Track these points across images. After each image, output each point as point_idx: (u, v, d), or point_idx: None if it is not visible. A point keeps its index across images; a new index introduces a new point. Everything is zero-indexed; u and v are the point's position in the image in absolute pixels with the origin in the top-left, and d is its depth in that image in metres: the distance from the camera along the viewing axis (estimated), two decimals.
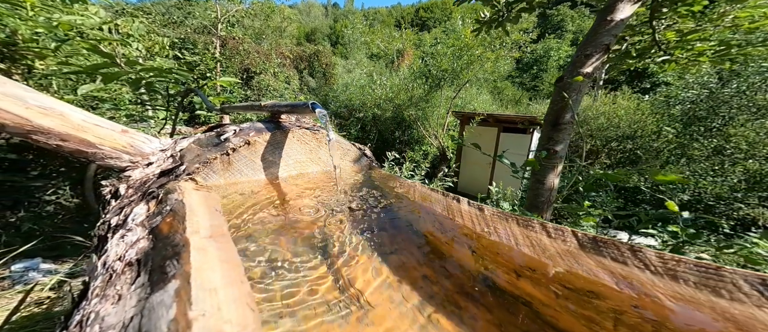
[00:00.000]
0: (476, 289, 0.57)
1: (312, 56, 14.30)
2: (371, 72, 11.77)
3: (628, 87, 17.70)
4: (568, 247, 0.48)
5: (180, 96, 2.56)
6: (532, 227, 0.55)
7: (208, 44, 7.11)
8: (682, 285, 0.37)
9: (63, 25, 2.04)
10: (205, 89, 3.80)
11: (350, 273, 0.62)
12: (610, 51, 1.56)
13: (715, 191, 7.52)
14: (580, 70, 1.52)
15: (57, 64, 2.43)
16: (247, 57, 8.68)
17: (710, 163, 7.98)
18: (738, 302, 0.35)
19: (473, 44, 9.43)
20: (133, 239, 0.52)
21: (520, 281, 0.55)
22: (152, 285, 0.38)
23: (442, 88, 10.37)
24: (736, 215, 7.06)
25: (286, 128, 1.04)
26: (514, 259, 0.56)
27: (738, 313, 0.34)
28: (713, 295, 0.36)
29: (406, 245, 0.73)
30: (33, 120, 0.65)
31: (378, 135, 11.58)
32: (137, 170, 0.83)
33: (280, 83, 10.22)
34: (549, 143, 1.64)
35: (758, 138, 7.32)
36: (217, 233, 0.52)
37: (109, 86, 2.67)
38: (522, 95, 25.98)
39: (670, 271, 0.38)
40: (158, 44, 3.74)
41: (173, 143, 0.89)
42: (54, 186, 3.19)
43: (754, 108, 7.04)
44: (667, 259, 0.40)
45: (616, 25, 1.49)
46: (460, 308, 0.53)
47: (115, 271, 0.46)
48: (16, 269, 2.40)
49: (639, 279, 0.40)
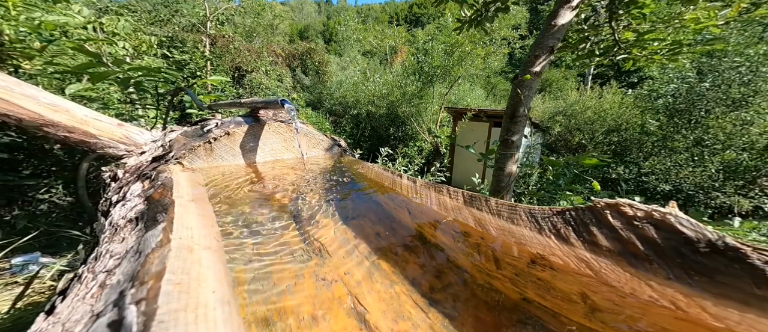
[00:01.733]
0: (411, 240, 0.74)
1: (304, 54, 14.31)
2: (365, 69, 11.86)
3: (617, 82, 18.09)
4: (458, 203, 0.65)
5: (170, 95, 2.66)
6: (441, 192, 0.72)
7: (197, 43, 7.12)
8: (501, 219, 0.55)
9: (47, 25, 2.08)
10: (195, 88, 3.89)
11: (316, 232, 0.78)
12: (554, 52, 1.74)
13: (694, 180, 7.85)
14: (530, 69, 1.70)
15: (43, 64, 2.46)
16: (238, 55, 8.71)
17: (689, 154, 8.30)
18: (519, 224, 0.52)
19: (463, 41, 9.58)
20: (132, 206, 0.67)
21: (437, 232, 0.72)
22: (146, 228, 0.54)
23: (434, 84, 10.52)
24: (713, 204, 7.40)
25: (263, 121, 1.19)
26: (432, 215, 0.73)
27: (516, 230, 0.52)
28: (511, 223, 0.54)
29: (365, 211, 0.89)
30: (45, 115, 0.80)
31: (372, 132, 11.70)
32: (132, 157, 0.98)
33: (272, 81, 10.27)
34: (507, 134, 1.83)
35: (735, 130, 7.64)
36: (198, 198, 0.67)
37: (98, 85, 2.73)
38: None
39: (497, 212, 0.56)
40: (146, 43, 3.77)
41: (163, 135, 1.04)
42: (46, 185, 3.26)
43: (729, 101, 7.34)
44: (498, 204, 0.58)
45: (559, 29, 1.68)
46: (397, 255, 0.70)
47: (120, 226, 0.62)
48: (16, 262, 2.51)
49: (484, 218, 0.57)
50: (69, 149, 2.92)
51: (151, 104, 3.29)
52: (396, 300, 0.53)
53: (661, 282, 0.40)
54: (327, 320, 0.48)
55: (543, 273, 0.51)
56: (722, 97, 7.35)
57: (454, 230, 0.69)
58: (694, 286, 0.37)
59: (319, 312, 0.50)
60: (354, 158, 1.33)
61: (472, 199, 0.69)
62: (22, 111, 0.76)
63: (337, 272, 0.61)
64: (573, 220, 0.49)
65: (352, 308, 0.51)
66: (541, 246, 0.52)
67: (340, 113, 11.87)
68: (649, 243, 0.41)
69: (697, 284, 0.37)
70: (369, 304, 0.52)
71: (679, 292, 0.38)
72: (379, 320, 0.48)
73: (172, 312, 0.30)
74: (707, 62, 7.70)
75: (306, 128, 1.32)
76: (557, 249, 0.50)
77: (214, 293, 0.36)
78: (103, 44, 2.44)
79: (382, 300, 0.53)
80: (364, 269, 0.63)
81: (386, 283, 0.58)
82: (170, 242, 0.44)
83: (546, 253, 0.51)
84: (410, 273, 0.60)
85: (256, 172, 1.04)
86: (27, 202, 3.22)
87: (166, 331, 0.26)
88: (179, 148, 0.96)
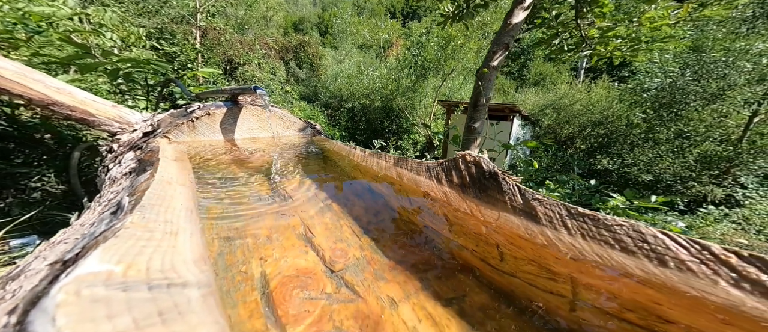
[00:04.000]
0: (358, 190, 0.93)
1: (298, 47, 14.26)
2: (359, 63, 11.89)
3: (608, 76, 18.32)
4: (389, 164, 0.85)
5: (160, 86, 2.77)
6: (380, 157, 0.91)
7: (187, 35, 7.12)
8: (412, 172, 0.75)
9: (34, 16, 2.07)
10: (186, 80, 3.98)
11: (284, 184, 0.97)
12: (509, 48, 1.93)
13: (674, 171, 8.17)
14: (488, 63, 1.89)
15: (31, 54, 2.50)
16: (230, 48, 8.73)
17: (670, 146, 8.60)
18: (420, 175, 0.73)
19: (456, 35, 9.67)
20: (127, 165, 0.86)
21: (377, 185, 0.92)
22: (137, 175, 0.72)
23: (428, 78, 10.64)
24: (689, 193, 7.73)
25: (242, 105, 1.37)
26: (373, 173, 0.93)
27: (418, 178, 0.72)
28: (417, 174, 0.74)
29: (325, 171, 1.08)
30: (51, 96, 0.96)
31: (367, 125, 11.80)
32: (125, 134, 1.15)
33: (265, 73, 10.29)
34: (470, 122, 2.02)
35: (714, 122, 7.93)
36: (180, 159, 0.86)
37: (86, 76, 2.76)
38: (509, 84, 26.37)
39: (410, 167, 0.76)
40: (134, 34, 3.76)
41: (151, 116, 1.21)
42: (39, 173, 3.34)
43: (707, 95, 7.60)
44: (411, 162, 0.78)
45: (513, 27, 1.86)
46: (347, 200, 0.89)
47: (117, 178, 0.80)
48: (14, 244, 2.66)
49: (403, 173, 0.77)
50: (59, 139, 2.97)
51: (141, 95, 3.35)
52: (339, 229, 0.73)
53: (471, 199, 0.60)
54: (280, 241, 0.67)
55: (429, 204, 0.71)
56: (700, 91, 7.61)
57: (387, 182, 0.89)
58: (481, 199, 0.57)
59: (274, 235, 0.69)
60: (324, 137, 1.51)
61: (398, 160, 0.88)
62: (33, 92, 0.93)
63: (296, 210, 0.81)
64: (445, 167, 0.69)
65: (302, 233, 0.70)
66: (428, 187, 0.72)
67: (335, 106, 11.93)
68: (471, 176, 0.61)
69: (482, 198, 0.57)
70: (317, 232, 0.71)
71: (474, 204, 0.58)
72: (322, 241, 0.68)
73: (150, 204, 0.48)
74: (688, 57, 7.94)
75: (281, 111, 1.49)
76: (435, 188, 0.70)
77: (181, 204, 0.55)
78: (90, 36, 2.44)
79: (328, 229, 0.73)
80: (318, 209, 0.83)
81: (334, 218, 0.78)
82: (154, 178, 0.62)
83: (429, 190, 0.71)
84: (355, 212, 0.80)
85: (233, 144, 1.23)
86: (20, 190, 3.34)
87: (143, 209, 0.45)
88: (166, 125, 1.13)
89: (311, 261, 0.59)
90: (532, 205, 0.50)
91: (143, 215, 0.42)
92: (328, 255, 0.62)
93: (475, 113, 1.98)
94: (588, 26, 2.85)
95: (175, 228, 0.44)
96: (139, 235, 0.36)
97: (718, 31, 7.44)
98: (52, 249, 0.40)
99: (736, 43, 6.94)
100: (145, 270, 0.31)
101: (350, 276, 0.57)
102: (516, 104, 9.06)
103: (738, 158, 7.11)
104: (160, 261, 0.34)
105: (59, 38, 2.09)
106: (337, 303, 0.50)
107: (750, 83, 6.91)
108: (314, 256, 0.61)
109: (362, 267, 0.59)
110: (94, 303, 0.24)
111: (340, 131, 10.79)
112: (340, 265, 0.60)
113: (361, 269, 0.59)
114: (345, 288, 0.54)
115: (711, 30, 7.18)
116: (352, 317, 0.47)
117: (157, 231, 0.40)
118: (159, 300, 0.29)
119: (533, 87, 21.82)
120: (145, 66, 2.24)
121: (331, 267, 0.59)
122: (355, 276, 0.57)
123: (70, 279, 0.24)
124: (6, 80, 0.86)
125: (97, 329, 0.22)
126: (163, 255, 0.36)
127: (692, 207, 7.33)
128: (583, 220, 0.43)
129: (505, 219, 0.54)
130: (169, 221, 0.45)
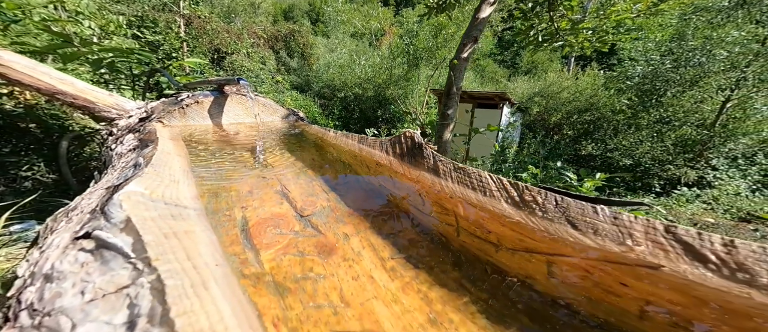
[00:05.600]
0: (330, 161, 1.12)
1: (288, 36, 14.00)
2: (351, 51, 11.79)
3: (597, 63, 18.56)
4: (354, 142, 1.04)
5: (145, 76, 2.81)
6: (350, 137, 1.10)
7: (170, 23, 6.98)
8: (370, 147, 0.94)
9: (8, 5, 2.02)
10: (172, 70, 4.00)
11: (267, 157, 1.15)
12: (477, 41, 2.10)
13: (653, 155, 8.55)
14: (459, 56, 2.06)
15: (8, 44, 2.34)
16: (217, 37, 8.59)
17: (650, 131, 8.95)
18: (375, 149, 0.92)
19: (447, 23, 9.67)
20: (129, 144, 1.02)
21: (345, 157, 1.10)
22: (142, 149, 0.89)
23: (420, 67, 10.67)
24: (665, 175, 8.15)
25: (228, 94, 1.51)
26: (345, 149, 1.11)
27: (373, 152, 0.91)
28: (372, 149, 0.93)
29: (303, 147, 1.26)
30: (56, 86, 1.10)
31: (361, 114, 11.83)
32: (123, 120, 1.30)
33: (254, 63, 10.17)
34: (444, 109, 2.21)
35: (691, 107, 8.27)
36: (174, 138, 1.02)
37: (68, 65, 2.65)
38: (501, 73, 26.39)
39: (368, 143, 0.95)
40: (114, 22, 3.63)
41: (145, 103, 1.36)
42: (28, 163, 3.33)
43: (685, 81, 7.89)
44: (370, 139, 0.97)
45: (481, 22, 2.02)
46: (321, 167, 1.08)
47: (124, 153, 0.96)
48: (15, 229, 2.78)
49: (363, 148, 0.96)
50: (45, 128, 2.91)
51: (125, 84, 3.30)
52: (311, 188, 0.92)
53: (406, 164, 0.79)
54: (259, 195, 0.85)
55: (380, 169, 0.90)
56: (678, 77, 7.90)
57: (352, 155, 1.07)
58: (411, 163, 0.76)
59: (255, 191, 0.87)
60: (305, 123, 1.68)
61: (361, 139, 1.07)
62: (41, 83, 1.06)
63: (275, 175, 0.99)
64: (392, 142, 0.88)
65: (279, 190, 0.89)
66: (380, 157, 0.91)
67: (328, 96, 11.89)
68: (407, 147, 0.80)
69: (412, 162, 0.76)
70: (292, 189, 0.90)
71: (407, 167, 0.77)
72: (296, 196, 0.86)
73: (157, 164, 0.66)
74: (669, 46, 8.18)
75: (264, 100, 1.65)
76: (384, 157, 0.89)
77: (179, 166, 0.73)
78: (67, 24, 2.36)
79: (302, 187, 0.91)
80: (295, 173, 1.01)
81: (308, 180, 0.96)
82: (157, 149, 0.79)
83: (380, 160, 0.90)
84: (325, 176, 0.99)
85: (221, 128, 1.39)
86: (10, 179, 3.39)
87: (153, 166, 0.63)
88: (159, 112, 1.28)
89: (285, 209, 0.78)
90: (438, 165, 0.69)
91: (154, 169, 0.59)
92: (300, 204, 0.81)
93: (448, 100, 2.16)
94: (560, 18, 3.01)
95: (177, 179, 0.62)
96: (154, 178, 0.54)
97: (698, 19, 7.67)
98: (91, 195, 0.58)
99: (714, 31, 7.19)
100: (161, 195, 0.49)
101: (316, 220, 0.76)
102: (507, 92, 9.24)
103: (710, 142, 7.50)
104: (169, 193, 0.52)
105: (37, 27, 2.04)
106: (303, 238, 0.69)
107: (724, 71, 7.21)
108: (288, 206, 0.80)
109: (327, 214, 0.78)
110: (138, 203, 0.42)
111: (333, 121, 10.82)
112: (308, 211, 0.79)
113: (325, 215, 0.78)
114: (310, 227, 0.73)
115: (693, 20, 7.41)
116: (313, 246, 0.66)
117: (165, 178, 0.58)
118: (171, 210, 0.47)
119: (525, 75, 21.88)
120: (128, 56, 2.24)
121: (301, 213, 0.78)
122: (319, 219, 0.76)
123: (123, 191, 0.42)
124: (19, 73, 1.00)
125: (144, 213, 0.40)
126: (170, 191, 0.54)
127: (667, 189, 7.75)
128: (459, 172, 0.62)
129: (423, 176, 0.73)
130: (172, 175, 0.63)
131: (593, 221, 0.41)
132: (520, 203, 0.50)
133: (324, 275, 0.54)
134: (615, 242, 0.39)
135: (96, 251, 0.31)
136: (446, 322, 0.49)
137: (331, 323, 0.46)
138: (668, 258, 0.34)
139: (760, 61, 6.71)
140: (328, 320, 0.47)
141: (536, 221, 0.47)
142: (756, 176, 6.77)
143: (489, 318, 0.48)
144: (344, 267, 0.57)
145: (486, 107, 9.30)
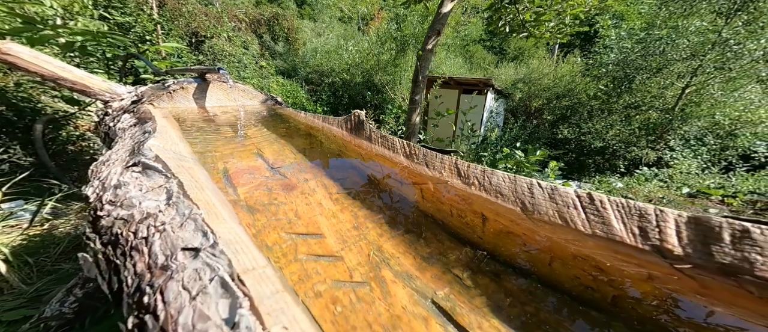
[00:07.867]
0: (302, 134, 1.37)
1: (271, 19, 13.54)
2: (339, 36, 11.61)
3: (580, 51, 19.06)
4: (320, 121, 1.29)
5: (121, 60, 2.75)
6: (328, 122, 1.34)
7: (141, 4, 6.68)
8: (335, 127, 1.20)
9: None
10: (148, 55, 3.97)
11: (248, 133, 1.38)
12: (440, 34, 2.34)
13: (621, 137, 9.16)
14: (424, 48, 2.30)
15: None
16: (194, 20, 8.31)
17: (619, 115, 9.53)
18: (341, 128, 1.19)
19: (433, 9, 9.66)
20: (128, 121, 1.22)
21: (315, 131, 1.35)
22: (142, 124, 1.10)
23: (407, 53, 10.72)
24: (629, 156, 8.81)
25: (210, 81, 1.70)
26: (316, 126, 1.36)
27: (333, 130, 1.18)
28: (333, 126, 1.19)
29: (278, 124, 1.50)
30: (58, 73, 1.27)
31: (350, 100, 11.83)
32: (116, 102, 1.48)
33: (237, 48, 9.91)
34: (412, 95, 2.46)
35: (657, 93, 8.84)
36: (166, 117, 1.24)
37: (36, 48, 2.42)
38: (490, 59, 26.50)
39: (333, 123, 1.21)
40: (78, 3, 3.39)
41: (135, 88, 1.54)
42: (2, 145, 3.16)
43: (652, 69, 8.40)
44: (335, 119, 1.22)
45: (444, 16, 2.25)
46: (292, 137, 1.33)
47: (126, 128, 1.17)
48: (5, 207, 2.85)
49: (332, 127, 1.22)
50: (17, 111, 2.76)
51: (98, 68, 3.17)
52: (283, 151, 1.17)
53: (354, 136, 1.06)
54: (239, 155, 1.10)
55: (336, 139, 1.16)
56: (646, 65, 8.39)
57: (316, 130, 1.33)
58: (357, 135, 1.03)
59: (235, 153, 1.12)
60: (282, 107, 1.90)
61: (324, 119, 1.32)
62: (45, 71, 1.23)
63: (253, 142, 1.23)
64: (345, 120, 1.14)
65: (255, 153, 1.14)
66: (337, 132, 1.18)
67: (316, 81, 11.77)
68: (355, 123, 1.07)
69: (357, 134, 1.03)
70: (266, 152, 1.15)
71: (353, 137, 1.04)
72: (269, 156, 1.11)
73: (160, 132, 0.89)
74: (639, 35, 8.60)
75: (244, 86, 1.85)
76: (339, 132, 1.16)
77: (175, 135, 0.96)
78: (26, 4, 2.20)
79: (275, 151, 1.17)
80: (269, 142, 1.26)
81: (280, 146, 1.22)
82: (157, 125, 1.02)
83: (338, 134, 1.16)
84: (297, 144, 1.24)
85: (204, 110, 1.60)
86: None
87: (158, 133, 0.86)
88: (149, 95, 1.48)
89: (259, 163, 1.04)
90: (371, 134, 0.96)
91: (160, 135, 0.83)
92: (272, 161, 1.07)
93: (415, 87, 2.41)
94: (524, 10, 3.26)
95: (176, 142, 0.86)
96: (162, 139, 0.78)
97: (666, 9, 8.08)
98: (117, 152, 0.81)
99: (678, 21, 7.63)
100: (170, 148, 0.74)
101: (284, 170, 1.02)
102: (492, 78, 9.49)
103: (670, 125, 8.12)
104: (174, 147, 0.77)
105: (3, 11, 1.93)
106: (272, 181, 0.95)
107: (684, 59, 7.73)
108: (262, 161, 1.05)
109: (293, 167, 1.05)
110: (159, 149, 0.67)
111: (321, 107, 10.80)
112: (278, 165, 1.05)
113: (292, 167, 1.04)
114: (279, 175, 0.99)
115: (662, 11, 7.81)
116: (279, 185, 0.92)
117: (169, 140, 0.82)
118: (178, 157, 0.72)
119: (512, 62, 22.11)
120: (101, 39, 2.18)
121: (272, 166, 1.04)
122: (287, 170, 1.02)
123: (148, 142, 0.67)
124: (25, 62, 1.16)
125: (164, 154, 0.65)
126: (174, 147, 0.78)
127: (631, 170, 8.42)
128: (382, 140, 0.90)
129: (364, 144, 1.00)
130: (172, 138, 0.87)
131: (433, 162, 0.70)
132: (409, 156, 0.78)
133: (285, 202, 0.81)
134: (438, 172, 0.68)
135: (142, 171, 0.56)
136: (364, 228, 0.77)
137: (286, 228, 0.74)
138: (451, 177, 0.63)
139: (716, 50, 7.24)
140: (284, 226, 0.74)
141: (414, 165, 0.75)
142: (705, 156, 7.47)
143: (389, 224, 0.77)
144: (301, 198, 0.84)
145: (471, 92, 9.54)
